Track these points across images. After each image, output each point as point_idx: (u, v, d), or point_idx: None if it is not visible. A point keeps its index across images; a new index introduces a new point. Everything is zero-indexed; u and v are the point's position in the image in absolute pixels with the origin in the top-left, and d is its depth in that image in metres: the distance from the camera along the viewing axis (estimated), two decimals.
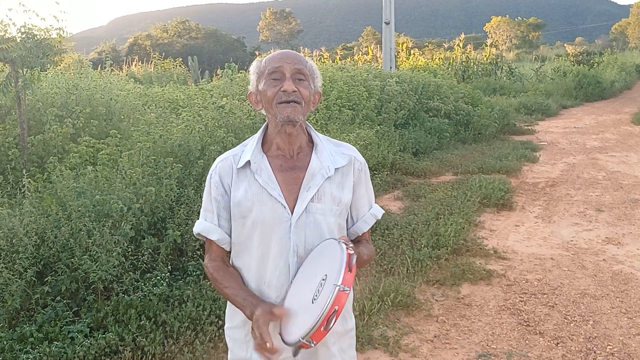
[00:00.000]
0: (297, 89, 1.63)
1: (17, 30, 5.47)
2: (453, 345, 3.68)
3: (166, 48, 47.71)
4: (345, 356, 1.79)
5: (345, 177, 1.74)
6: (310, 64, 1.71)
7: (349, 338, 1.83)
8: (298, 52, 1.73)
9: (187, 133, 5.65)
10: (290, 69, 1.64)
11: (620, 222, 6.24)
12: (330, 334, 1.60)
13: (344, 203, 1.73)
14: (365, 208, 1.82)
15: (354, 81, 10.37)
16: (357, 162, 1.78)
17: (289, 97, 1.63)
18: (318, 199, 1.68)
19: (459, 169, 8.79)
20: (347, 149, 1.79)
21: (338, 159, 1.74)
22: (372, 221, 1.84)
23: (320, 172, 1.70)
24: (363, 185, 1.80)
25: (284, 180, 1.69)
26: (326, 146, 1.75)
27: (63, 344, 3.28)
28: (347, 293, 1.45)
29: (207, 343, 3.48)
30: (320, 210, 1.68)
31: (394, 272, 4.68)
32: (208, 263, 1.78)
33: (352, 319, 1.87)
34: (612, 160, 9.78)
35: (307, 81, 1.67)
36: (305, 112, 1.67)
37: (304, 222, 1.67)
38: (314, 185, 1.68)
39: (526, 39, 68.89)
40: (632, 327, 3.86)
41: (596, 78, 21.60)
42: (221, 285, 1.72)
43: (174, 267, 4.33)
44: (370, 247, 1.86)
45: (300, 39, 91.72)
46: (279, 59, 1.66)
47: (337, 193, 1.71)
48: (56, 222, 4.03)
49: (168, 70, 17.14)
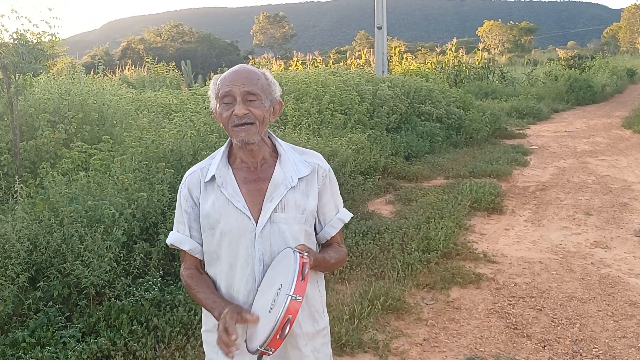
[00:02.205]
0: (249, 110, 1.69)
1: (10, 37, 5.48)
2: (442, 349, 3.72)
3: (159, 52, 47.67)
4: (319, 354, 1.86)
5: (310, 185, 1.81)
6: (262, 81, 1.73)
7: (322, 337, 1.90)
8: (250, 68, 1.75)
9: (179, 138, 5.68)
10: (240, 91, 1.69)
11: (608, 225, 6.32)
12: (301, 336, 1.79)
13: (308, 210, 1.80)
14: (332, 212, 1.89)
15: (346, 85, 10.43)
16: (321, 169, 1.84)
17: (241, 120, 1.69)
18: (281, 208, 1.76)
19: (450, 172, 8.85)
20: (311, 157, 1.86)
21: (302, 168, 1.80)
22: (339, 225, 1.90)
23: (284, 182, 1.76)
24: (328, 191, 1.87)
25: (248, 192, 1.77)
26: (290, 156, 1.82)
27: (55, 349, 3.31)
28: (299, 301, 1.53)
29: (199, 348, 3.50)
30: (284, 219, 1.76)
31: (385, 276, 4.73)
32: (183, 272, 1.88)
33: (325, 318, 1.93)
34: (602, 164, 9.87)
35: (258, 100, 1.71)
36: (261, 129, 1.73)
37: (268, 232, 1.75)
38: (277, 196, 1.75)
39: (518, 43, 69.30)
40: (618, 330, 3.92)
41: (587, 82, 21.79)
42: (194, 291, 1.81)
43: (165, 272, 4.36)
44: (340, 249, 1.91)
45: (293, 42, 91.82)
46: (229, 81, 1.71)
47: (302, 201, 1.78)
48: (48, 227, 4.05)
49: (161, 75, 17.13)
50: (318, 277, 1.91)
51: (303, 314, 1.81)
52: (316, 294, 1.89)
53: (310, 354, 1.83)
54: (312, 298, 1.86)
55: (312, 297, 1.85)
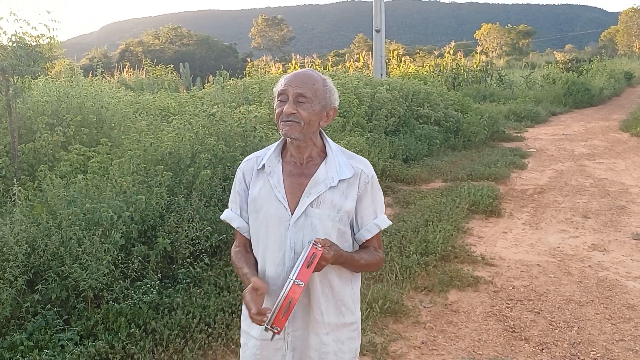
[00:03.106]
0: (297, 111, 1.83)
1: (8, 39, 5.48)
2: (440, 352, 3.73)
3: (158, 54, 47.67)
4: (343, 346, 1.98)
5: (350, 188, 1.92)
6: (317, 86, 1.87)
7: (349, 331, 2.00)
8: (310, 73, 1.89)
9: (177, 141, 5.67)
10: (293, 92, 1.84)
11: (606, 228, 6.33)
12: (322, 324, 1.93)
13: (344, 210, 1.91)
14: (370, 217, 1.97)
15: (344, 89, 10.43)
16: (364, 175, 1.94)
17: (288, 118, 1.84)
18: (317, 204, 1.89)
19: (449, 175, 8.87)
20: (357, 162, 1.96)
21: (345, 170, 1.92)
22: (375, 230, 1.98)
23: (325, 181, 1.89)
24: (369, 196, 1.96)
25: (290, 185, 1.92)
26: (337, 158, 1.94)
27: (53, 352, 3.30)
28: (301, 287, 1.70)
29: (197, 351, 3.51)
30: (317, 214, 1.88)
31: (383, 279, 4.73)
32: (233, 249, 2.07)
33: (354, 314, 2.02)
34: (599, 167, 9.90)
35: (308, 103, 1.84)
36: (305, 129, 1.86)
37: (302, 224, 1.88)
38: (315, 192, 1.89)
39: (516, 46, 69.43)
40: (616, 333, 3.93)
41: (585, 85, 21.83)
42: (236, 266, 2.00)
43: (163, 275, 4.36)
44: (375, 254, 2.00)
45: (292, 45, 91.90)
46: (286, 82, 1.87)
47: (339, 201, 1.90)
48: (46, 230, 4.04)
49: (159, 77, 17.11)
50: (351, 275, 2.00)
51: (328, 304, 1.93)
52: (346, 289, 1.98)
53: (331, 343, 1.95)
54: (341, 292, 1.96)
55: (340, 291, 1.96)
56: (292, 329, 1.94)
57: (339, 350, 1.97)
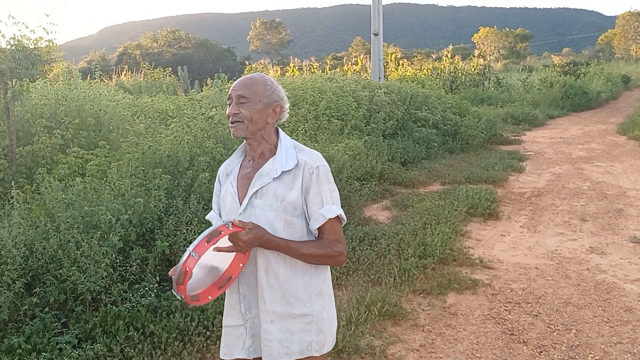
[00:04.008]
0: (239, 111, 2.00)
1: (7, 42, 5.48)
2: (438, 355, 3.73)
3: (156, 57, 47.73)
4: (292, 337, 2.02)
5: (295, 179, 2.00)
6: (256, 87, 2.01)
7: (302, 323, 2.04)
8: (250, 76, 2.06)
9: (176, 144, 5.68)
10: (235, 95, 2.02)
11: (604, 231, 6.34)
12: (265, 312, 2.01)
13: (287, 201, 1.99)
14: (316, 207, 2.01)
15: (342, 92, 10.45)
16: (308, 165, 2.01)
17: (233, 118, 2.02)
18: (260, 195, 2.01)
19: (447, 178, 8.87)
20: (304, 154, 2.04)
21: (290, 162, 2.01)
22: (321, 219, 2.01)
23: (269, 173, 2.01)
24: (315, 187, 2.01)
25: (242, 180, 2.09)
26: (287, 152, 2.04)
27: (51, 355, 3.30)
28: (195, 259, 1.80)
29: (195, 354, 3.50)
30: (260, 205, 2.00)
31: (381, 282, 4.73)
32: None
33: (307, 307, 2.04)
34: (597, 170, 9.91)
35: (248, 103, 2.00)
36: (250, 127, 2.01)
37: (248, 214, 2.01)
38: (258, 184, 2.01)
39: (514, 50, 69.65)
40: (614, 336, 3.93)
41: (582, 88, 21.87)
42: None
43: (162, 278, 4.35)
44: (327, 246, 2.02)
45: (290, 48, 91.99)
46: (232, 87, 2.05)
47: (282, 192, 1.99)
48: (45, 233, 4.04)
49: (158, 80, 17.11)
50: (307, 267, 2.03)
51: (274, 294, 2.00)
52: (297, 280, 2.02)
53: (276, 331, 2.02)
54: (287, 282, 2.01)
55: (286, 281, 2.01)
56: (250, 316, 2.06)
57: (286, 340, 2.02)
